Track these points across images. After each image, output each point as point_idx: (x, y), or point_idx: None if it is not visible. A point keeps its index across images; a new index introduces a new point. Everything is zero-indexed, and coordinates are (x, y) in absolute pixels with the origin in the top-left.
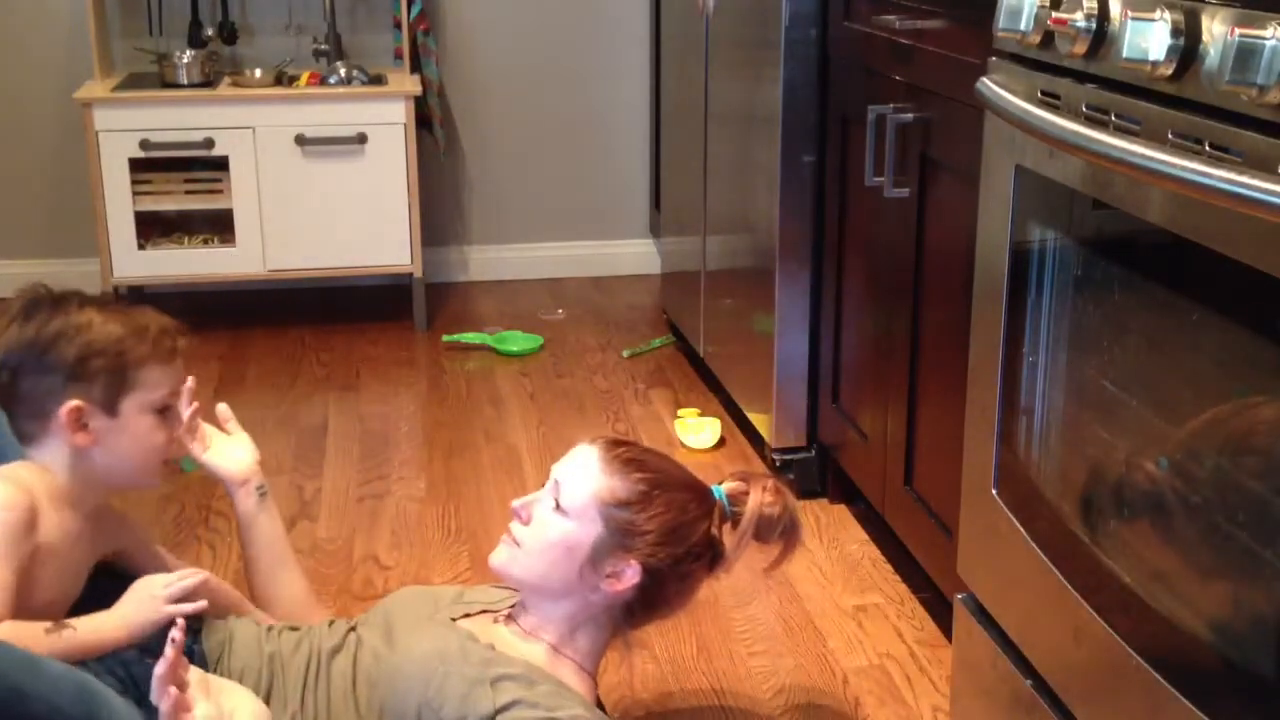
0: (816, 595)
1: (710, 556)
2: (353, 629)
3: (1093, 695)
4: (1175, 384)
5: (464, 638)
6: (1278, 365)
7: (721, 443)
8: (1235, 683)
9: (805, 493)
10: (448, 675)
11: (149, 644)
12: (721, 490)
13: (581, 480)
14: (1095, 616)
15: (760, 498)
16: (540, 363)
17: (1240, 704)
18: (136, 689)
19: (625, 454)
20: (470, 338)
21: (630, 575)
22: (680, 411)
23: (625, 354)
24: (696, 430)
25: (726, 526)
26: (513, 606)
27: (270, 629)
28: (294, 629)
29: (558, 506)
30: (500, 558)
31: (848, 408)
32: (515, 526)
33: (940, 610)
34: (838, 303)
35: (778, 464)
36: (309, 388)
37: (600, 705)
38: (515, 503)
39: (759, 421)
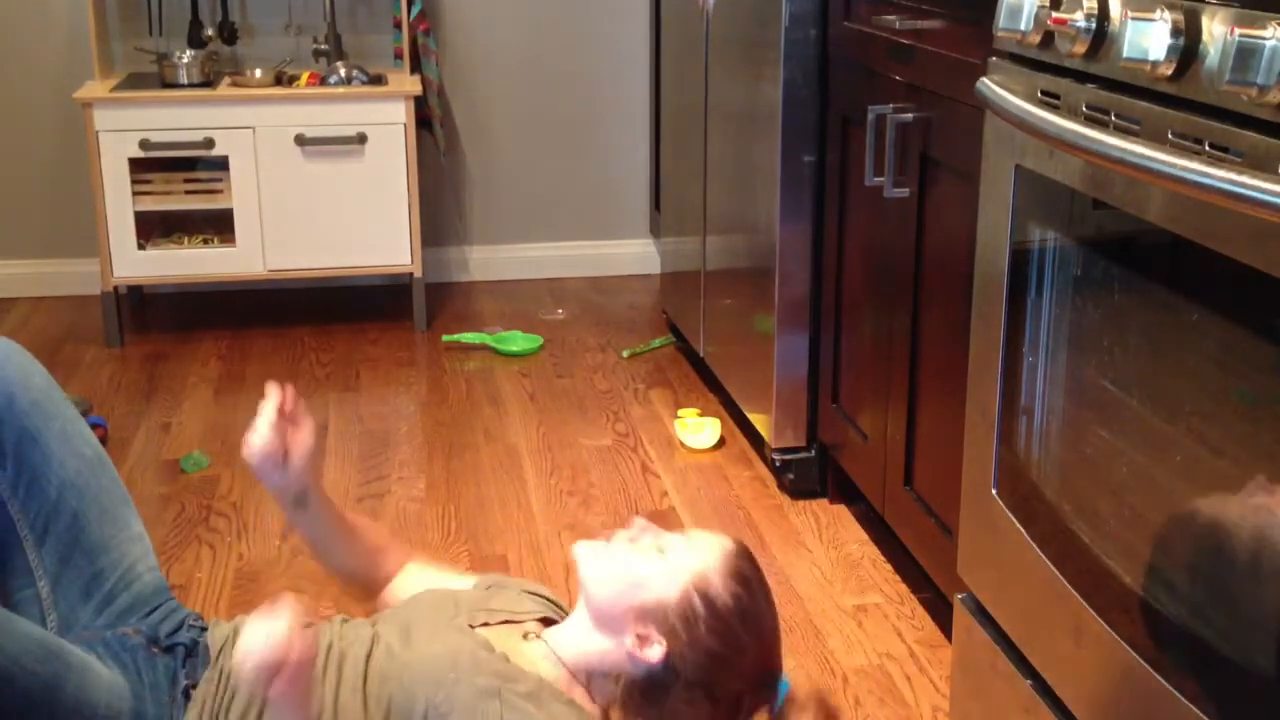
0: (816, 595)
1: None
2: (372, 626)
3: (1093, 695)
4: (1175, 384)
5: (479, 645)
6: (1278, 365)
7: (721, 443)
8: (1235, 683)
9: (805, 493)
10: (457, 682)
11: (155, 633)
12: (786, 686)
13: (697, 551)
14: (1095, 616)
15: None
16: (540, 363)
17: (1240, 704)
18: (138, 673)
19: (745, 569)
20: (470, 338)
21: (655, 651)
22: (680, 411)
23: (625, 354)
24: (696, 430)
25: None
26: (543, 620)
27: None
28: (309, 625)
29: (661, 551)
30: (589, 551)
31: (848, 408)
32: (623, 535)
33: (940, 610)
34: (838, 303)
35: (777, 464)
36: (309, 388)
37: None
38: (640, 521)
39: (759, 421)
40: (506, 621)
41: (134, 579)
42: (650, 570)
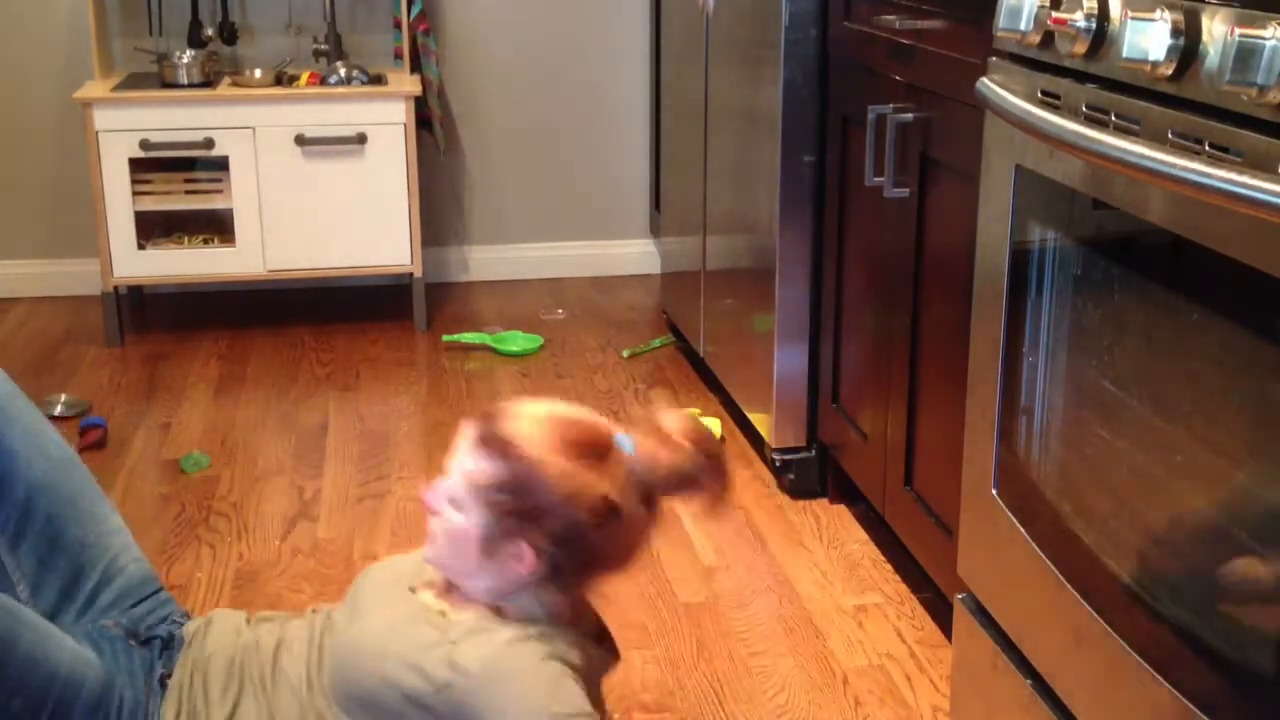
0: (816, 595)
1: (636, 511)
2: (328, 614)
3: (1093, 695)
4: (1175, 384)
5: (418, 607)
6: (1278, 365)
7: (721, 442)
8: (1235, 683)
9: (805, 493)
10: (404, 651)
11: (135, 627)
12: (629, 442)
13: (459, 467)
14: (1095, 616)
15: (661, 454)
16: (540, 363)
17: (1240, 704)
18: (114, 658)
19: (499, 431)
20: (470, 338)
21: (528, 558)
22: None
23: (625, 354)
24: None
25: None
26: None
27: (250, 618)
28: (270, 619)
29: (452, 501)
30: (426, 552)
31: (848, 408)
32: (430, 518)
33: (940, 610)
34: (838, 303)
35: (777, 464)
36: (309, 388)
37: (606, 637)
38: (425, 494)
39: (759, 421)
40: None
41: (117, 572)
42: (453, 521)
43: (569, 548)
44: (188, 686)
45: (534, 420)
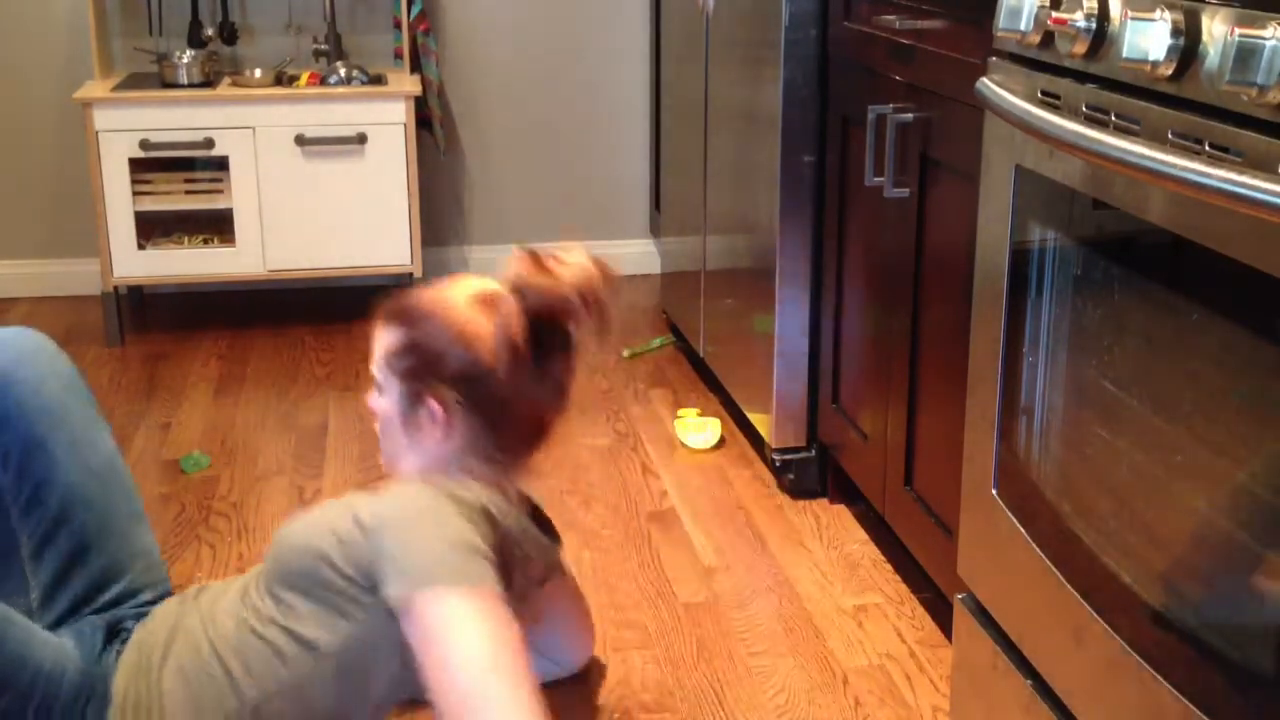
0: (816, 595)
1: (543, 356)
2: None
3: (1093, 695)
4: (1175, 384)
5: (336, 501)
6: (1278, 365)
7: (721, 443)
8: (1235, 683)
9: (805, 493)
10: (325, 519)
11: (116, 623)
12: (512, 280)
13: (376, 348)
14: (1095, 616)
15: (543, 283)
16: None
17: (1240, 704)
18: (92, 650)
19: (398, 305)
20: None
21: (437, 413)
22: (680, 411)
23: (625, 354)
24: (696, 430)
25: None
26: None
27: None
28: (210, 585)
29: (376, 388)
30: (381, 459)
31: (848, 408)
32: (374, 424)
33: (940, 610)
34: (838, 303)
35: (778, 464)
36: (309, 388)
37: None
38: (367, 400)
39: (759, 421)
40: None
41: (129, 596)
42: (380, 407)
43: (476, 397)
44: (136, 657)
45: (427, 289)
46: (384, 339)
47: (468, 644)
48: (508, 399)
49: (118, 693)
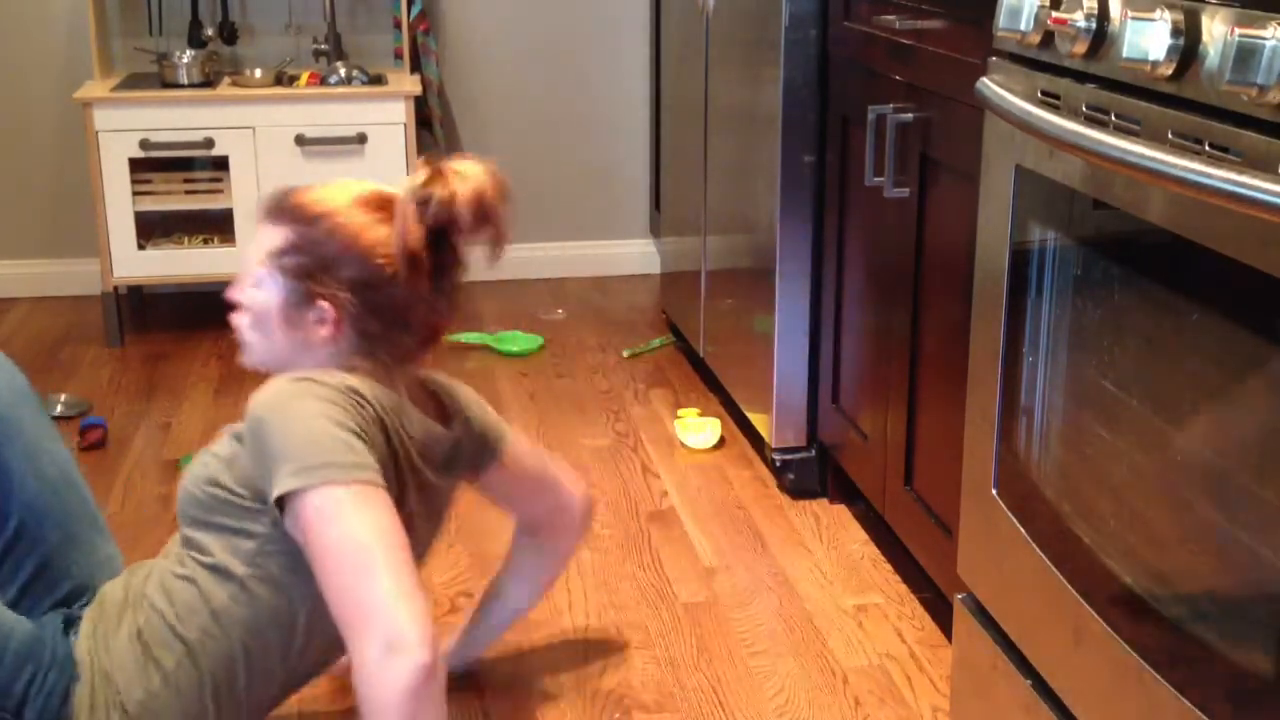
0: (816, 595)
1: (439, 266)
2: None
3: (1093, 695)
4: (1175, 384)
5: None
6: (1278, 365)
7: (721, 443)
8: (1235, 683)
9: (805, 493)
10: (212, 449)
11: (74, 617)
12: (411, 190)
13: (254, 247)
14: (1095, 616)
15: (438, 190)
16: (540, 363)
17: (1240, 704)
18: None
19: (287, 202)
20: (470, 338)
21: (330, 315)
22: (680, 411)
23: (625, 354)
24: (696, 430)
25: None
26: None
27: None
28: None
29: (251, 283)
30: (243, 360)
31: (848, 408)
32: (235, 318)
33: (940, 610)
34: (838, 303)
35: (778, 464)
36: None
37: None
38: (229, 293)
39: (759, 421)
40: None
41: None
42: (253, 301)
43: (372, 304)
44: (91, 629)
45: (317, 187)
46: (272, 234)
47: (344, 537)
48: (404, 306)
49: (83, 667)
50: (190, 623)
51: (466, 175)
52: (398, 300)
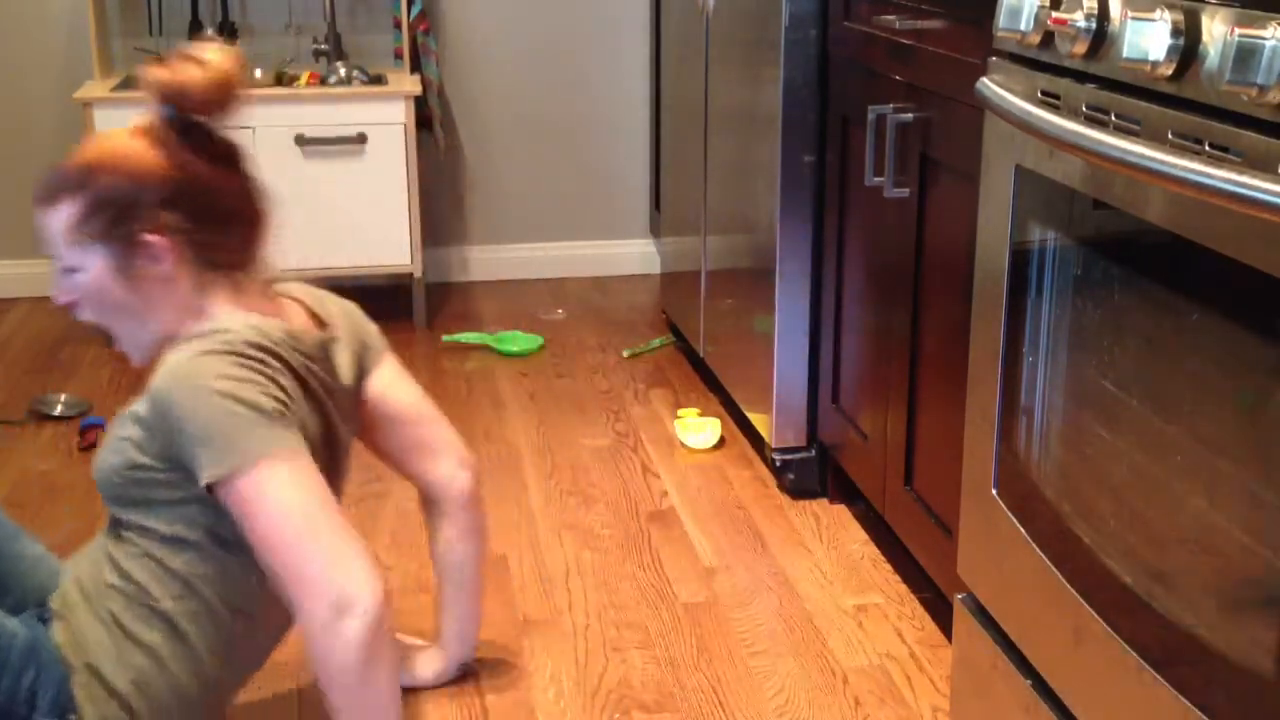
0: (816, 595)
1: (210, 148)
2: None
3: (1093, 695)
4: (1175, 384)
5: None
6: (1278, 365)
7: (721, 443)
8: (1235, 683)
9: (805, 493)
10: (116, 445)
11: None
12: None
13: (50, 240)
14: (1095, 616)
15: (187, 83)
16: (540, 363)
17: (1240, 704)
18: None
19: (55, 180)
20: (470, 338)
21: (159, 246)
22: (680, 411)
23: (625, 354)
24: (696, 430)
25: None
26: None
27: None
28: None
29: (69, 271)
30: (122, 348)
31: (848, 408)
32: (80, 315)
33: (940, 610)
34: (838, 303)
35: (778, 464)
36: None
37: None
38: (53, 295)
39: (759, 421)
40: None
41: (43, 598)
42: (83, 284)
43: (181, 211)
44: (64, 625)
45: (67, 160)
46: (58, 215)
47: (275, 511)
48: (213, 198)
49: (69, 665)
50: (161, 595)
51: (202, 60)
52: (202, 197)
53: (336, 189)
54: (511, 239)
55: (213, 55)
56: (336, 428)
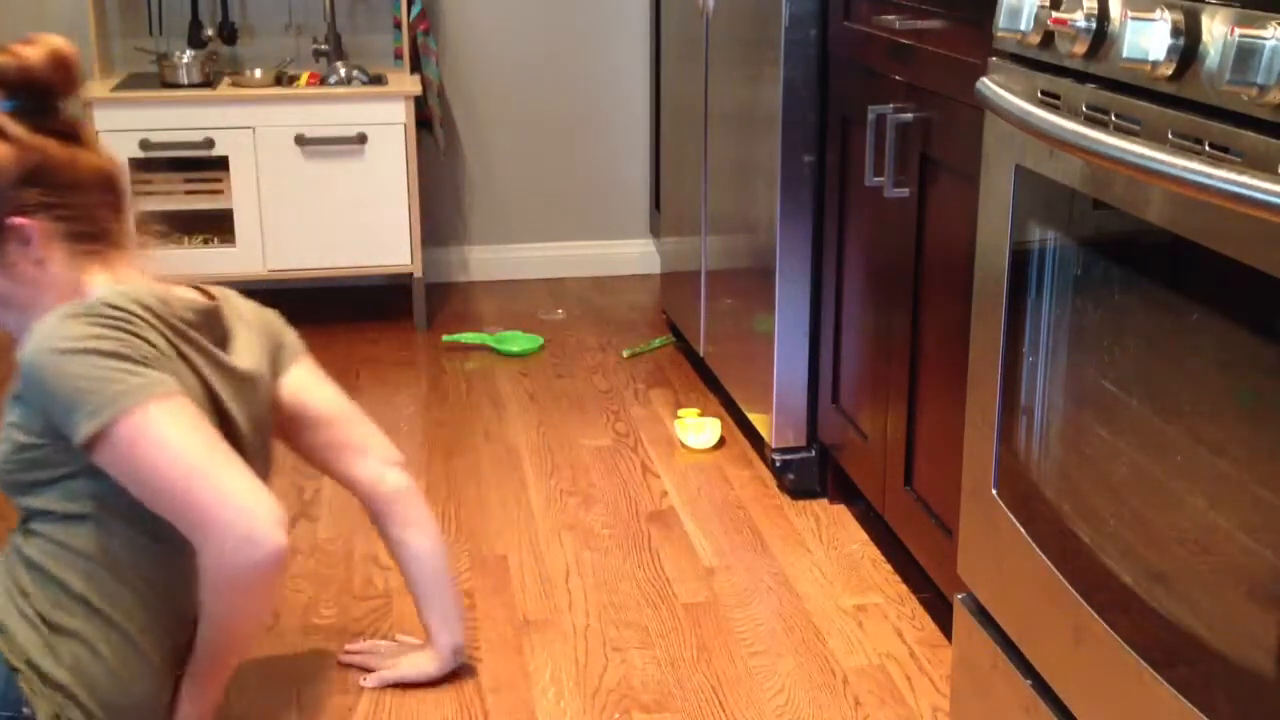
0: (816, 595)
1: (53, 125)
2: None
3: (1093, 695)
4: (1175, 384)
5: None
6: (1278, 365)
7: (721, 443)
8: (1235, 682)
9: (805, 493)
10: (3, 436)
11: None
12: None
13: None
14: (1095, 616)
15: (18, 61)
16: (540, 363)
17: (1240, 704)
18: None
19: None
20: (470, 338)
21: (27, 229)
22: (680, 411)
23: (625, 354)
24: (696, 430)
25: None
26: None
27: None
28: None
29: None
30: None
31: (848, 408)
32: None
33: (940, 610)
34: (838, 303)
35: (777, 464)
36: None
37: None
38: None
39: (759, 421)
40: None
41: None
42: None
43: (39, 189)
44: None
45: None
46: None
47: (163, 454)
48: (67, 173)
49: (10, 664)
50: (72, 579)
51: (33, 42)
52: (58, 172)
53: (336, 189)
54: (511, 239)
55: (42, 37)
56: (225, 404)
